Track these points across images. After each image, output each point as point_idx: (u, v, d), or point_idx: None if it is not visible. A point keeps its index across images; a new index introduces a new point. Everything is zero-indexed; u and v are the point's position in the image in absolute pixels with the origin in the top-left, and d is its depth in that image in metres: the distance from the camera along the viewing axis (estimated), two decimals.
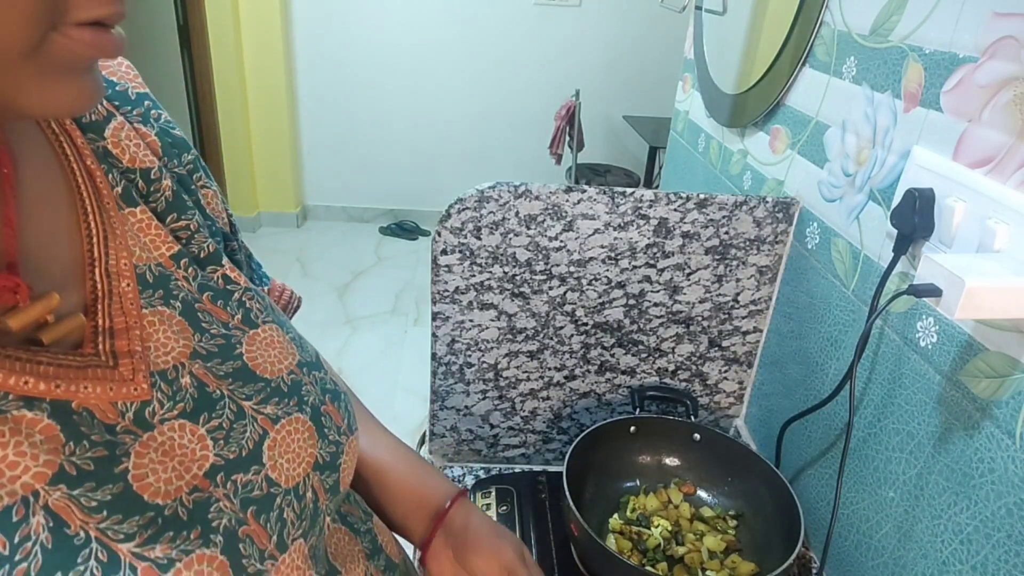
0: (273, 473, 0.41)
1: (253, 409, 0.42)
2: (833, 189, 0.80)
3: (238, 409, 0.41)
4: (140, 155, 0.43)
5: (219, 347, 0.42)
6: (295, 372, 0.46)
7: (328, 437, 0.46)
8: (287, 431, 0.43)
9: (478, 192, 0.80)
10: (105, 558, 0.32)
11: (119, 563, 0.32)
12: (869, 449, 0.72)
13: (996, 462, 0.54)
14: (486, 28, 3.47)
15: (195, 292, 0.43)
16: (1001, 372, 0.54)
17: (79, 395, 0.34)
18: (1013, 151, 0.53)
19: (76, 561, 0.31)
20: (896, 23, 0.68)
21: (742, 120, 1.05)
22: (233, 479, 0.39)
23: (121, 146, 0.42)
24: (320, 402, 0.47)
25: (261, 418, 0.42)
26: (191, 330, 0.41)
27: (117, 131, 0.42)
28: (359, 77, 3.58)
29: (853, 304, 0.75)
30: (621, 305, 0.89)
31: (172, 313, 0.40)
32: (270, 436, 0.42)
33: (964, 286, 0.47)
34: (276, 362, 0.45)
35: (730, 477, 0.86)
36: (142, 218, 0.41)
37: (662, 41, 3.48)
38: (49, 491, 0.31)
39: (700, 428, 0.88)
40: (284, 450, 0.43)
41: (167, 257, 0.42)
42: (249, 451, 0.41)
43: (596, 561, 0.75)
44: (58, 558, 0.30)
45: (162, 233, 0.42)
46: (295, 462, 0.43)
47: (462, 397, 0.94)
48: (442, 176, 3.85)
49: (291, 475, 0.42)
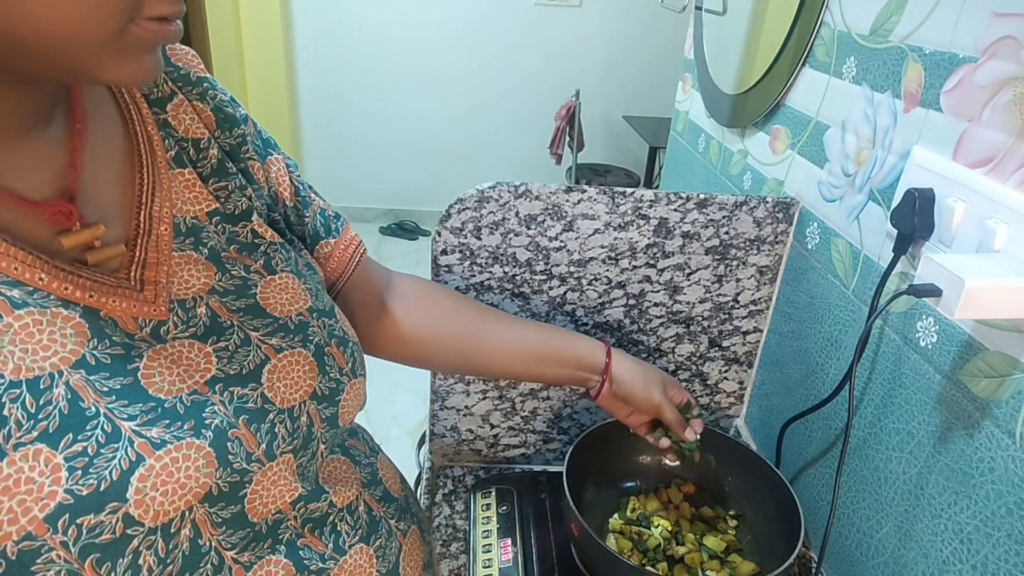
0: (269, 393, 0.47)
1: (259, 339, 0.48)
2: (833, 189, 0.80)
3: (245, 337, 0.48)
4: (193, 127, 0.51)
5: (236, 287, 0.49)
6: (303, 315, 0.52)
7: (329, 374, 0.52)
8: (288, 361, 0.49)
9: (478, 192, 0.80)
10: (109, 429, 0.39)
11: (120, 435, 0.39)
12: (869, 449, 0.72)
13: (996, 462, 0.54)
14: (486, 28, 3.47)
15: (223, 243, 0.50)
16: (1001, 372, 0.54)
17: (107, 306, 0.41)
18: (1013, 151, 0.53)
19: (85, 428, 0.38)
20: (896, 23, 0.68)
21: (742, 120, 1.05)
22: (231, 390, 0.45)
23: (178, 119, 0.50)
24: (325, 343, 0.52)
25: (265, 347, 0.48)
26: (214, 270, 0.49)
27: (177, 107, 0.51)
28: (359, 77, 3.58)
29: (853, 304, 0.75)
30: (621, 305, 0.89)
31: (199, 257, 0.48)
32: (271, 362, 0.48)
33: (964, 286, 0.47)
34: (287, 304, 0.51)
35: (730, 477, 0.86)
36: (189, 178, 0.50)
37: (662, 41, 3.47)
38: (71, 373, 0.38)
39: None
40: (283, 376, 0.48)
41: (204, 213, 0.50)
42: (249, 371, 0.47)
43: (596, 561, 0.75)
44: (71, 422, 0.37)
45: (204, 192, 0.50)
46: (292, 388, 0.49)
47: (462, 397, 0.94)
48: (442, 176, 3.85)
49: (287, 398, 0.48)
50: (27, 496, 0.35)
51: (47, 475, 0.36)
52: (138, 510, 0.38)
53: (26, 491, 0.35)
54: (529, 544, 0.81)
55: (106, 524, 0.37)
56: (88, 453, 0.37)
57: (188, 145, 0.51)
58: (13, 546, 0.34)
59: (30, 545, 0.35)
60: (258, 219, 0.53)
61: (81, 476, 0.37)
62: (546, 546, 0.81)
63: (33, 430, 0.36)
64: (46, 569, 0.36)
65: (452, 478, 0.97)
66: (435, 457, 0.99)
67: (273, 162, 0.58)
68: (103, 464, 0.37)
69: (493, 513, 0.85)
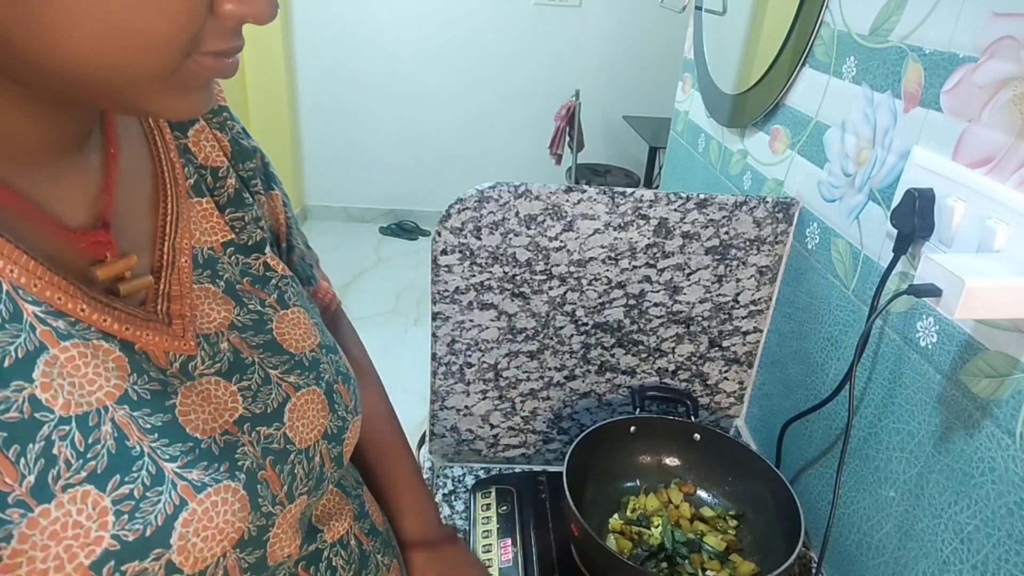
0: (290, 433, 0.47)
1: (278, 377, 0.48)
2: (833, 189, 0.80)
3: (266, 375, 0.47)
4: (213, 155, 0.50)
5: (253, 321, 0.48)
6: (315, 351, 0.52)
7: (337, 412, 0.51)
8: (305, 399, 0.49)
9: (478, 192, 0.80)
10: (154, 471, 0.37)
11: (163, 477, 0.37)
12: (869, 449, 0.72)
13: (996, 461, 0.54)
14: (486, 28, 3.47)
15: (237, 275, 0.49)
16: (1001, 371, 0.54)
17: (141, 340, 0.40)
18: (1013, 151, 0.53)
19: (132, 468, 0.36)
20: (896, 23, 0.68)
21: (742, 120, 1.05)
22: (257, 430, 0.45)
23: (199, 145, 0.49)
24: (334, 380, 0.52)
25: (285, 385, 0.48)
26: (232, 304, 0.48)
27: (198, 133, 0.49)
28: (359, 77, 3.58)
29: (853, 304, 0.75)
30: (621, 305, 0.89)
31: (216, 290, 0.47)
32: (291, 400, 0.48)
33: (964, 286, 0.47)
34: (300, 340, 0.51)
35: (730, 477, 0.86)
36: (206, 208, 0.49)
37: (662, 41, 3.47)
38: (115, 409, 0.37)
39: (700, 428, 0.88)
40: (301, 415, 0.48)
41: (219, 244, 0.49)
42: (273, 410, 0.46)
43: (596, 561, 0.75)
44: (119, 462, 0.36)
45: (221, 222, 0.50)
46: (309, 427, 0.48)
47: (462, 397, 0.94)
48: (442, 176, 3.85)
49: (304, 438, 0.48)
50: (74, 542, 0.33)
51: (94, 519, 0.34)
52: (180, 556, 0.37)
53: (73, 536, 0.33)
54: (529, 544, 0.81)
55: (149, 572, 0.36)
56: (135, 496, 0.36)
57: (207, 173, 0.50)
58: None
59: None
60: (271, 251, 0.53)
61: (128, 521, 0.35)
62: (546, 546, 0.81)
63: (82, 470, 0.34)
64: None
65: (452, 478, 0.96)
66: (435, 457, 0.99)
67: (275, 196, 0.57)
68: (148, 508, 0.36)
69: (493, 513, 0.85)
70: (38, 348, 0.34)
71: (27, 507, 0.32)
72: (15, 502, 0.31)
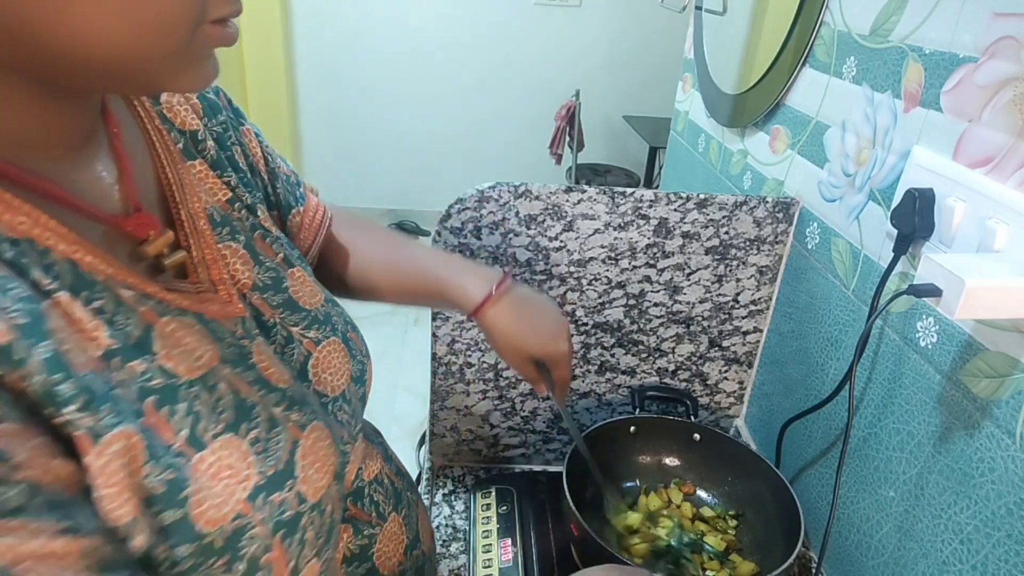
0: (320, 387, 0.50)
1: (299, 334, 0.51)
2: (833, 189, 0.80)
3: (288, 334, 0.50)
4: (188, 119, 0.50)
5: (272, 280, 0.50)
6: (324, 306, 0.54)
7: (356, 357, 0.55)
8: (327, 351, 0.52)
9: (478, 192, 0.80)
10: (268, 416, 0.42)
11: (276, 421, 0.42)
12: (869, 449, 0.72)
13: (996, 462, 0.54)
14: (486, 28, 3.47)
15: (249, 232, 0.51)
16: (1001, 372, 0.54)
17: (206, 310, 0.43)
18: (1013, 151, 0.53)
19: (252, 416, 0.41)
20: (896, 23, 0.68)
21: (742, 120, 1.05)
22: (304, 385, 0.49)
23: (174, 111, 0.49)
24: (345, 330, 0.55)
25: (306, 341, 0.51)
26: (252, 263, 0.49)
27: (169, 98, 0.50)
28: (359, 77, 3.57)
29: (853, 304, 0.75)
30: (621, 305, 0.89)
31: (238, 247, 0.49)
32: (313, 356, 0.51)
33: (964, 286, 0.47)
34: (311, 296, 0.53)
35: (730, 477, 0.86)
36: (200, 169, 0.50)
37: (662, 41, 3.47)
38: (221, 369, 0.41)
39: (700, 428, 0.88)
40: (326, 367, 0.51)
41: (223, 202, 0.50)
42: (299, 369, 0.49)
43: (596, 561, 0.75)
44: (241, 413, 0.40)
45: (218, 183, 0.50)
46: (337, 375, 0.52)
47: (462, 397, 0.94)
48: (442, 176, 3.84)
49: (335, 385, 0.52)
50: (230, 480, 0.38)
51: (241, 460, 0.39)
52: (303, 486, 0.42)
53: (228, 475, 0.38)
54: (529, 544, 0.81)
55: (287, 501, 0.41)
56: (262, 438, 0.41)
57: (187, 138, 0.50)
58: (228, 525, 0.37)
59: (240, 524, 0.38)
60: (264, 212, 0.53)
61: (264, 459, 0.40)
62: (546, 546, 0.81)
63: (219, 422, 0.39)
64: (248, 545, 0.38)
65: (452, 478, 0.96)
66: (435, 457, 0.99)
67: (246, 133, 0.57)
68: (274, 447, 0.41)
69: (493, 513, 0.85)
70: (148, 326, 0.38)
71: (186, 456, 0.37)
72: (177, 452, 0.36)
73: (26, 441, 0.30)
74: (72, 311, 0.34)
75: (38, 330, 0.31)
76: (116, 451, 0.33)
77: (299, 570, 0.43)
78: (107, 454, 0.33)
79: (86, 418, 0.32)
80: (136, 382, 0.36)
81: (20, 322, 0.31)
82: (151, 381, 0.36)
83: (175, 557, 0.35)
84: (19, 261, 0.33)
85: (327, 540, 0.46)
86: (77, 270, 0.35)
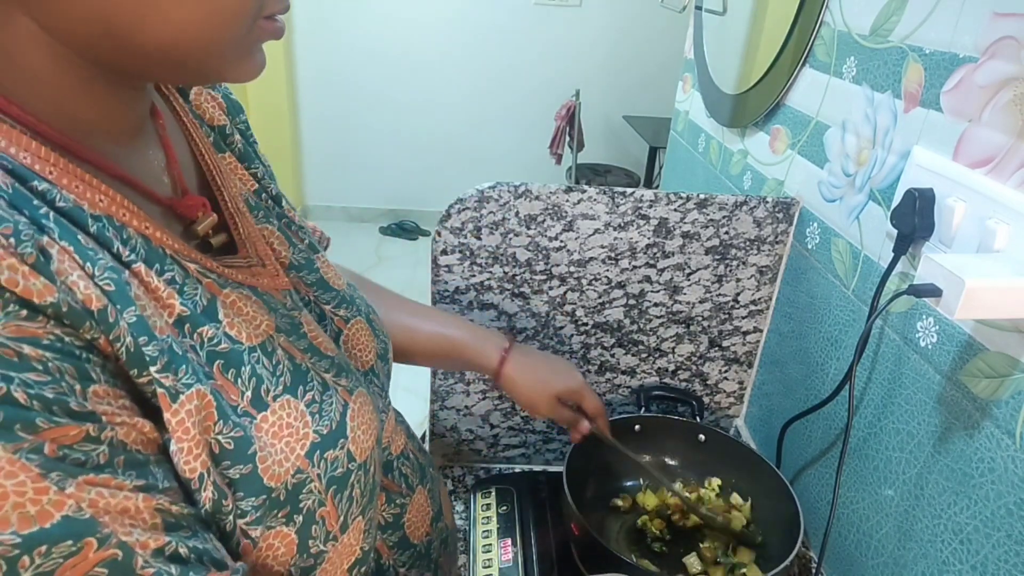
0: (352, 360, 0.54)
1: (331, 312, 0.54)
2: (833, 189, 0.80)
3: (320, 312, 0.53)
4: (216, 115, 0.54)
5: (304, 260, 0.54)
6: (349, 288, 0.58)
7: (380, 336, 0.59)
8: (355, 329, 0.56)
9: (478, 192, 0.80)
10: (320, 381, 0.45)
11: (327, 385, 0.45)
12: (869, 449, 0.72)
13: (996, 462, 0.54)
14: (486, 28, 3.47)
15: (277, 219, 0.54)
16: (1001, 372, 0.54)
17: (259, 283, 0.46)
18: (1013, 151, 0.53)
19: (307, 380, 0.44)
20: (896, 23, 0.68)
21: (742, 120, 1.05)
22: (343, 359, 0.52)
23: (203, 108, 0.53)
24: (369, 311, 0.59)
25: (336, 319, 0.54)
26: (287, 244, 0.53)
27: (198, 95, 0.53)
28: (359, 77, 3.57)
29: (853, 304, 0.75)
30: (621, 305, 0.89)
31: (273, 228, 0.52)
32: (344, 333, 0.54)
33: (964, 286, 0.47)
34: (336, 279, 0.57)
35: (734, 479, 0.86)
36: (230, 161, 0.53)
37: (662, 41, 3.47)
38: (277, 336, 0.44)
39: (705, 429, 0.88)
40: (355, 343, 0.55)
41: (253, 192, 0.54)
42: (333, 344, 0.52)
43: (596, 561, 0.75)
44: (297, 377, 0.43)
45: (246, 174, 0.54)
46: (365, 352, 0.56)
47: (462, 397, 0.94)
48: (442, 176, 3.84)
49: (364, 361, 0.56)
50: (290, 438, 0.41)
51: (299, 420, 0.42)
52: (353, 446, 0.45)
53: (288, 434, 0.41)
54: (529, 544, 0.81)
55: (339, 459, 0.44)
56: (317, 400, 0.44)
57: (216, 132, 0.53)
58: (291, 479, 0.40)
59: (300, 478, 0.41)
60: (287, 203, 0.57)
61: (320, 419, 0.43)
62: (546, 546, 0.81)
63: (279, 385, 0.42)
64: (307, 498, 0.41)
65: (452, 478, 0.96)
66: (435, 457, 0.99)
67: None
68: (328, 408, 0.44)
69: (493, 513, 0.85)
70: (213, 296, 0.41)
71: (251, 416, 0.40)
72: (243, 412, 0.39)
73: (114, 401, 0.33)
74: (149, 280, 0.37)
75: (125, 296, 0.34)
76: (191, 409, 0.36)
77: (347, 526, 0.46)
78: (183, 412, 0.35)
79: (166, 378, 0.35)
80: (206, 347, 0.39)
81: (109, 289, 0.33)
82: (218, 346, 0.39)
83: (243, 509, 0.38)
84: (103, 234, 0.35)
85: (370, 500, 0.49)
86: (150, 244, 0.38)
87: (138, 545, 0.31)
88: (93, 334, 0.32)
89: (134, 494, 0.32)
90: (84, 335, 0.32)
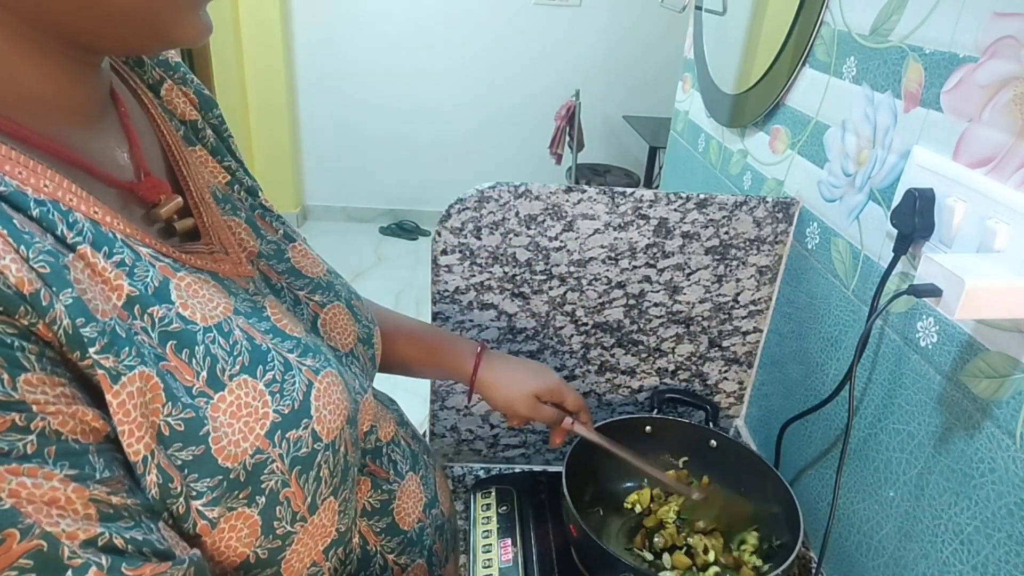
0: (331, 343, 0.55)
1: (305, 297, 0.55)
2: (833, 189, 0.80)
3: (295, 297, 0.54)
4: (187, 110, 0.54)
5: (274, 251, 0.55)
6: (326, 275, 0.58)
7: (362, 321, 0.59)
8: (333, 314, 0.56)
9: (478, 192, 0.80)
10: (282, 361, 0.45)
11: (291, 365, 0.45)
12: (869, 449, 0.72)
13: (996, 462, 0.54)
14: (486, 28, 3.47)
15: (248, 210, 0.55)
16: (1001, 372, 0.54)
17: (220, 269, 0.46)
18: (1013, 151, 0.53)
19: (267, 360, 0.44)
20: (896, 23, 0.68)
21: (742, 120, 1.05)
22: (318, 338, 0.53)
23: (173, 103, 0.53)
24: (350, 297, 0.60)
25: (312, 304, 0.55)
26: (254, 235, 0.53)
27: (168, 91, 0.53)
28: (358, 77, 3.57)
29: (853, 304, 0.75)
30: (621, 305, 0.89)
31: (240, 221, 0.53)
32: (320, 317, 0.55)
33: (964, 286, 0.47)
34: (311, 267, 0.57)
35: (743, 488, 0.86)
36: (201, 155, 0.54)
37: (662, 41, 3.47)
38: (236, 318, 0.44)
39: (718, 435, 0.87)
40: (333, 327, 0.56)
41: (223, 184, 0.54)
42: (309, 327, 0.53)
43: (595, 561, 0.75)
44: (257, 356, 0.43)
45: (217, 167, 0.55)
46: (344, 335, 0.56)
47: (462, 397, 0.94)
48: (442, 176, 3.84)
49: (344, 343, 0.56)
50: (248, 418, 0.41)
51: (258, 399, 0.42)
52: (318, 425, 0.45)
53: (246, 414, 0.41)
54: (529, 544, 0.81)
55: (303, 439, 0.43)
56: (278, 380, 0.43)
57: (187, 127, 0.54)
58: (250, 460, 0.40)
59: (260, 458, 0.41)
60: (263, 195, 0.58)
61: (280, 399, 0.43)
62: (546, 546, 0.81)
63: (235, 364, 0.42)
64: (269, 479, 0.41)
65: (452, 478, 0.96)
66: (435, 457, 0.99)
67: None
68: (289, 388, 0.44)
69: (493, 513, 0.85)
70: (166, 278, 0.41)
71: (207, 396, 0.39)
72: (198, 393, 0.39)
73: (50, 389, 0.32)
74: (96, 262, 0.37)
75: (61, 279, 0.34)
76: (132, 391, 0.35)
77: (317, 507, 0.45)
78: (124, 393, 0.35)
79: (107, 359, 0.35)
80: (157, 327, 0.39)
81: (44, 271, 0.33)
82: (170, 326, 0.39)
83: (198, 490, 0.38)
84: (47, 218, 0.35)
85: (343, 480, 0.49)
86: (99, 228, 0.38)
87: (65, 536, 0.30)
88: (30, 319, 0.32)
89: (63, 484, 0.31)
90: (19, 321, 0.31)
